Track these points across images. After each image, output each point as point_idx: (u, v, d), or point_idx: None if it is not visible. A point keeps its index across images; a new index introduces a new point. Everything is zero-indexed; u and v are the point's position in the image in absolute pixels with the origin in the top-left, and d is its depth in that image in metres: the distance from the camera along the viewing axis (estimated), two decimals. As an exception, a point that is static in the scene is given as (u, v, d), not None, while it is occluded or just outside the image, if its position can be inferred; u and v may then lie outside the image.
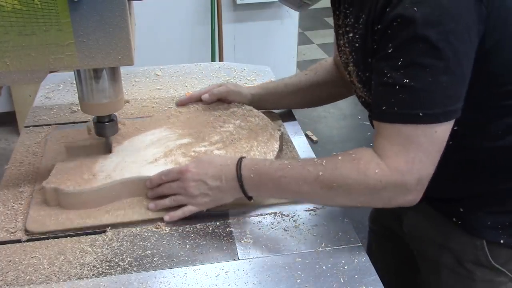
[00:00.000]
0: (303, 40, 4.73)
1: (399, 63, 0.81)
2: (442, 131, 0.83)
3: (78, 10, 0.87)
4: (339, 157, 0.89)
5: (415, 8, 0.78)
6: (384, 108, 0.84)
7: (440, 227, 1.04)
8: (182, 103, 1.32)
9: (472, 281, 1.01)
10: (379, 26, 0.84)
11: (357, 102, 1.08)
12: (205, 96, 1.29)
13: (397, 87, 0.82)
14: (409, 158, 0.83)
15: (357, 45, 0.92)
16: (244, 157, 0.97)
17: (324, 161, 0.89)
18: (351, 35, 0.94)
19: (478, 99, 0.88)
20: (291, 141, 1.25)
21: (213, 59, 3.24)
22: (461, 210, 0.99)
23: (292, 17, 3.44)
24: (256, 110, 1.27)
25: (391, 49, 0.82)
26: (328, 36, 5.01)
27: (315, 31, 5.11)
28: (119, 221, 0.98)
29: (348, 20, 0.95)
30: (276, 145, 1.14)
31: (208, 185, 0.96)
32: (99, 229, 0.96)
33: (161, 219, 0.99)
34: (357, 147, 0.90)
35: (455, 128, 0.85)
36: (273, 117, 1.30)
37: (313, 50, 4.73)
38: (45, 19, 0.87)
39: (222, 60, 3.22)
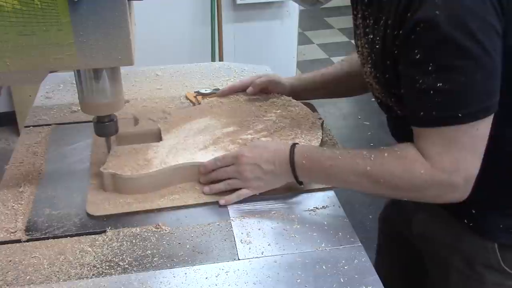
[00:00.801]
0: (303, 40, 4.73)
1: (430, 68, 0.81)
2: (483, 127, 0.84)
3: (78, 10, 0.87)
4: (386, 153, 0.91)
5: (437, 12, 0.78)
6: (422, 114, 0.85)
7: (451, 229, 1.04)
8: (223, 94, 1.35)
9: (482, 284, 1.01)
10: (400, 31, 0.84)
11: (357, 102, 1.09)
12: (249, 89, 1.32)
13: (432, 92, 0.82)
14: (453, 158, 0.85)
15: (377, 47, 0.92)
16: (297, 144, 1.01)
17: (372, 155, 0.92)
18: (371, 36, 0.94)
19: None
20: (329, 129, 1.28)
21: (213, 59, 3.24)
22: (473, 211, 0.98)
23: (292, 17, 3.44)
24: (295, 100, 1.30)
25: (419, 55, 0.82)
26: (328, 36, 5.01)
27: (315, 31, 5.11)
28: (175, 204, 1.02)
29: (367, 21, 0.95)
30: (320, 133, 1.17)
31: (262, 169, 1.00)
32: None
33: (213, 203, 1.02)
34: (357, 148, 0.91)
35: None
36: (310, 107, 1.32)
37: (313, 50, 4.73)
38: (45, 19, 0.87)
39: (222, 60, 3.22)
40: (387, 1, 0.87)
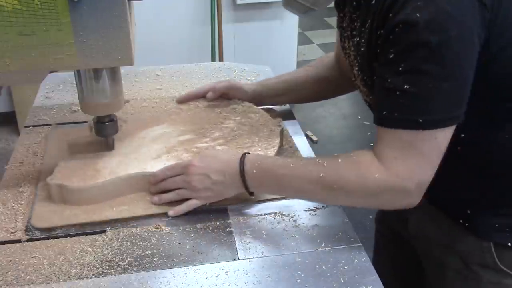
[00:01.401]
0: (303, 40, 4.73)
1: (400, 69, 0.81)
2: (442, 136, 0.83)
3: (78, 10, 0.87)
4: (340, 159, 0.90)
5: (417, 14, 0.78)
6: (384, 113, 0.85)
7: (447, 229, 1.03)
8: (182, 100, 1.33)
9: (479, 283, 1.01)
10: (381, 31, 0.84)
11: (357, 102, 1.09)
12: (210, 94, 1.30)
13: (398, 92, 0.82)
14: (409, 164, 0.84)
15: (362, 49, 0.92)
16: (248, 153, 0.99)
17: (325, 162, 0.90)
18: (357, 39, 0.94)
19: (485, 103, 0.87)
20: (290, 136, 1.26)
21: (213, 59, 3.24)
22: (469, 212, 0.98)
23: (292, 17, 3.44)
24: (256, 107, 1.28)
25: (393, 54, 0.82)
26: (328, 36, 5.01)
27: (315, 31, 5.11)
28: (124, 216, 0.99)
29: (354, 24, 0.95)
30: (277, 141, 1.15)
31: (212, 179, 0.98)
32: (104, 224, 0.97)
33: (164, 214, 1.00)
34: (357, 148, 0.91)
35: (462, 135, 0.85)
36: (273, 114, 1.31)
37: (313, 50, 4.73)
38: (45, 19, 0.87)
39: (222, 60, 3.22)
40: (374, 4, 0.87)
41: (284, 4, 1.01)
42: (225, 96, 1.31)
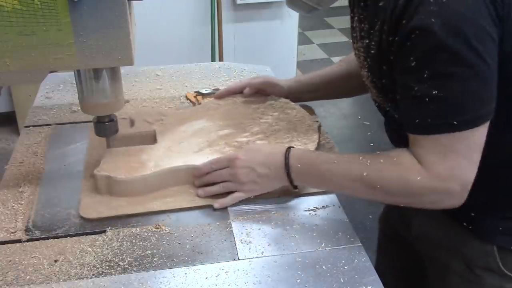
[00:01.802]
0: (303, 40, 4.73)
1: (425, 75, 0.81)
2: (478, 134, 0.84)
3: (78, 10, 0.87)
4: (381, 159, 0.91)
5: (432, 19, 0.78)
6: (417, 121, 0.85)
7: (450, 232, 1.03)
8: (220, 96, 1.34)
9: (482, 286, 1.00)
10: (396, 38, 0.83)
11: (357, 102, 1.09)
12: (246, 90, 1.31)
13: (427, 99, 0.82)
14: (449, 166, 0.85)
15: (372, 51, 0.92)
16: (292, 147, 1.00)
17: (368, 160, 0.91)
18: (366, 41, 0.93)
19: (496, 103, 0.87)
20: (327, 132, 1.28)
21: (213, 59, 3.24)
22: (472, 214, 0.98)
23: (292, 17, 3.44)
24: (293, 103, 1.29)
25: (414, 62, 0.82)
26: (328, 36, 5.01)
27: (315, 31, 5.11)
28: (169, 208, 1.01)
29: (363, 25, 0.95)
30: (316, 136, 1.17)
31: (257, 172, 1.00)
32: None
33: (207, 207, 1.02)
34: (357, 148, 0.91)
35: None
36: (309, 110, 1.32)
37: (313, 50, 4.73)
38: (45, 19, 0.87)
39: (222, 60, 3.22)
40: (382, 5, 0.86)
41: (288, 3, 1.01)
42: (261, 92, 1.32)
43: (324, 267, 0.88)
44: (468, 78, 0.80)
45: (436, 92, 0.81)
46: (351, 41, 1.07)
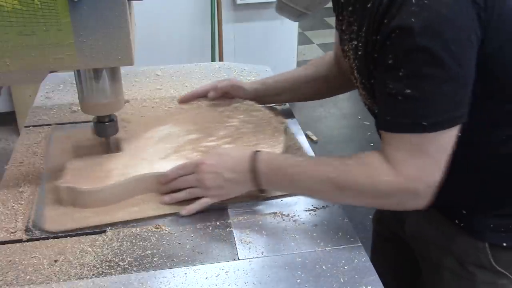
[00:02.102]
0: (303, 40, 4.73)
1: (400, 74, 0.81)
2: (448, 137, 0.84)
3: (78, 10, 0.87)
4: (350, 161, 0.91)
5: (412, 19, 0.78)
6: (389, 118, 0.85)
7: (443, 229, 1.04)
8: (184, 100, 1.33)
9: (474, 283, 1.01)
10: (378, 37, 0.84)
11: (357, 102, 1.09)
12: (211, 93, 1.30)
13: (400, 97, 0.82)
14: (417, 166, 0.84)
15: (360, 53, 0.92)
16: (259, 151, 0.99)
17: (336, 162, 0.91)
18: (355, 43, 0.94)
19: (481, 104, 0.87)
20: (293, 133, 1.27)
21: (213, 59, 3.24)
22: (464, 212, 0.99)
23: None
24: (258, 105, 1.29)
25: (391, 60, 0.82)
26: (328, 36, 5.01)
27: (315, 31, 5.11)
28: (135, 217, 0.99)
29: (352, 28, 0.95)
30: (282, 138, 1.16)
31: (224, 177, 0.99)
32: (115, 225, 0.97)
33: (175, 214, 1.00)
34: (358, 148, 0.91)
35: (459, 134, 0.85)
36: (274, 112, 1.31)
37: (313, 50, 4.73)
38: (45, 19, 0.87)
39: (222, 60, 3.22)
40: (369, 7, 0.87)
41: (277, 9, 1.01)
42: (226, 95, 1.31)
43: (324, 267, 0.88)
44: (442, 80, 0.80)
45: (409, 91, 0.81)
46: (339, 43, 1.07)
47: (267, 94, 1.31)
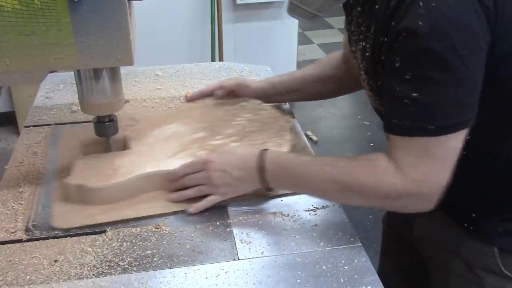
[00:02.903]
0: (303, 40, 4.73)
1: (407, 77, 0.81)
2: (456, 140, 0.83)
3: (78, 10, 0.87)
4: (357, 162, 0.91)
5: (420, 22, 0.77)
6: (395, 121, 0.85)
7: (451, 233, 1.03)
8: (191, 99, 1.33)
9: (482, 287, 1.00)
10: (385, 39, 0.84)
11: (357, 102, 1.09)
12: (218, 92, 1.31)
13: (407, 100, 0.82)
14: (424, 169, 0.84)
15: (367, 54, 0.92)
16: (266, 149, 1.00)
17: (343, 163, 0.91)
18: (363, 44, 0.93)
19: (493, 107, 0.87)
20: (300, 132, 1.27)
21: (213, 59, 3.24)
22: (474, 216, 0.98)
23: (292, 17, 3.43)
24: (265, 104, 1.29)
25: (398, 63, 0.82)
26: (328, 36, 5.01)
27: (315, 31, 5.11)
28: (143, 214, 1.00)
29: (361, 29, 0.95)
30: (289, 136, 1.16)
31: (231, 175, 0.99)
32: (115, 225, 0.97)
33: (183, 212, 1.01)
34: (357, 148, 0.91)
35: (469, 137, 0.85)
36: (281, 111, 1.32)
37: (313, 50, 4.73)
38: (45, 19, 0.87)
39: (222, 60, 3.22)
40: (377, 9, 0.86)
41: (289, 10, 1.01)
42: (233, 94, 1.31)
43: (324, 267, 0.88)
44: (449, 84, 0.80)
45: (416, 94, 0.80)
46: (349, 45, 1.07)
47: (274, 93, 1.31)
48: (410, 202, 0.88)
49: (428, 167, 0.84)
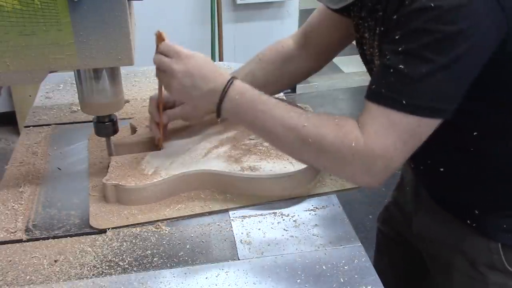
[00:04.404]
0: (303, 40, 4.71)
1: (400, 49, 0.81)
2: (425, 126, 0.82)
3: (78, 10, 0.87)
4: (324, 117, 0.89)
5: (431, 4, 0.77)
6: (373, 87, 0.84)
7: (453, 229, 1.03)
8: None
9: (485, 284, 1.00)
10: (394, 17, 0.83)
11: (357, 102, 1.08)
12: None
13: (391, 70, 0.81)
14: (386, 141, 0.83)
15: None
16: (237, 78, 0.96)
17: (310, 114, 0.90)
18: (382, 28, 0.91)
19: (498, 104, 0.87)
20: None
21: (213, 59, 3.24)
22: (476, 212, 0.97)
23: (292, 17, 3.44)
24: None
25: (398, 36, 0.81)
26: (328, 36, 5.00)
27: (315, 31, 5.10)
28: (181, 214, 1.00)
29: (376, 14, 0.93)
30: None
31: (194, 80, 0.95)
32: (162, 222, 0.98)
33: (222, 211, 1.01)
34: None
35: (475, 134, 0.84)
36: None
37: (313, 50, 4.72)
38: (45, 19, 0.87)
39: (222, 60, 3.22)
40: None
41: None
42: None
43: (324, 267, 0.88)
44: (438, 67, 0.79)
45: (402, 66, 0.80)
46: (359, 52, 1.05)
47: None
48: (360, 170, 0.86)
49: (390, 140, 0.83)
